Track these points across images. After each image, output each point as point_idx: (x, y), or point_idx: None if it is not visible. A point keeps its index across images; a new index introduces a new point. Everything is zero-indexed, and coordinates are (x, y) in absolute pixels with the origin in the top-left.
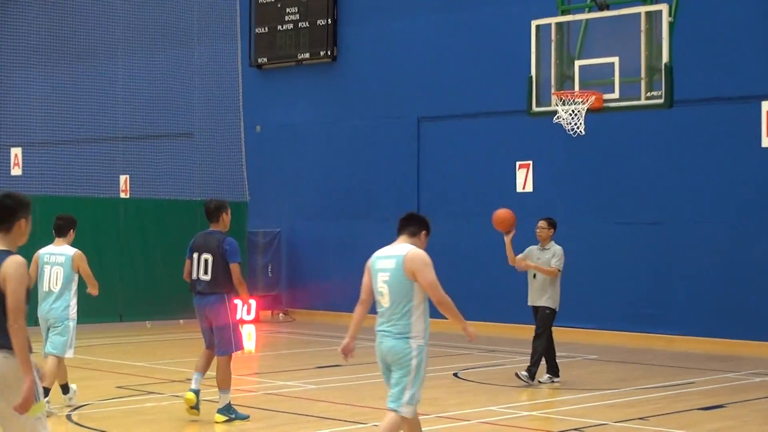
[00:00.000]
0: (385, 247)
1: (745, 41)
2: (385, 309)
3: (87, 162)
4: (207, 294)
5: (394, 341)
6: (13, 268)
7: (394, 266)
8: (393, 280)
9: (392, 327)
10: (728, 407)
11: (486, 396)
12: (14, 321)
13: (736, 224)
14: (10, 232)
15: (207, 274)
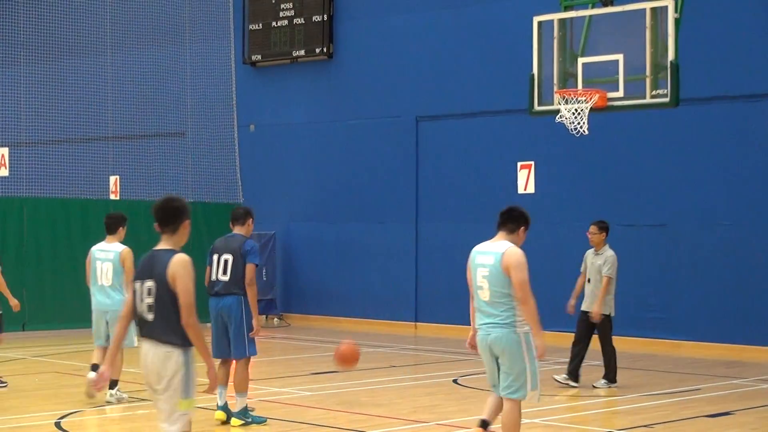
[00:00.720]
0: (484, 242)
1: (752, 38)
2: (485, 302)
3: (76, 162)
4: (224, 295)
5: (501, 331)
6: (181, 266)
7: (493, 262)
8: (492, 275)
9: (496, 319)
10: (735, 414)
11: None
12: (188, 316)
13: (743, 227)
14: (175, 233)
15: (226, 274)
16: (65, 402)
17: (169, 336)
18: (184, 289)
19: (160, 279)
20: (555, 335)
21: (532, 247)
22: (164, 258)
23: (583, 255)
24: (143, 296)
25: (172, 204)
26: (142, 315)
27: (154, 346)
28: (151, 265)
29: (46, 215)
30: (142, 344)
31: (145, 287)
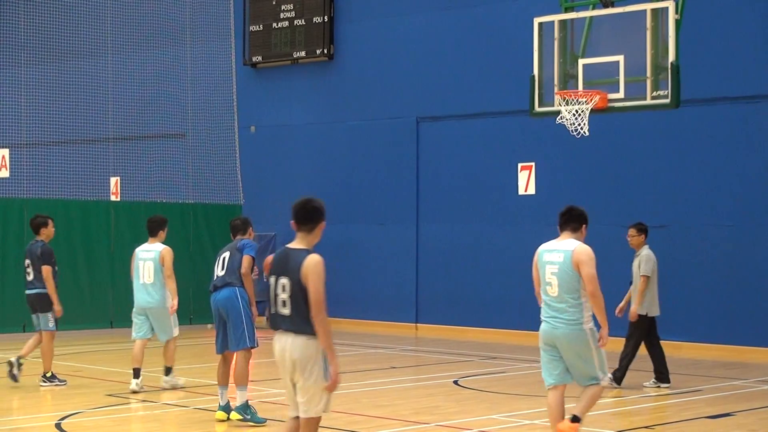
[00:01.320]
0: (551, 241)
1: (753, 39)
2: (552, 298)
3: (76, 163)
4: (220, 287)
5: (569, 329)
6: (314, 265)
7: (562, 260)
8: (561, 272)
9: (563, 314)
10: (737, 415)
11: (487, 404)
12: (317, 312)
13: (744, 228)
14: (311, 233)
15: (222, 269)
16: (66, 403)
17: (306, 327)
18: (315, 287)
19: (293, 276)
20: None
21: (532, 248)
22: (298, 257)
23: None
24: (278, 291)
25: (312, 204)
26: (277, 309)
27: (293, 337)
28: (286, 262)
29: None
30: (279, 336)
31: (280, 283)
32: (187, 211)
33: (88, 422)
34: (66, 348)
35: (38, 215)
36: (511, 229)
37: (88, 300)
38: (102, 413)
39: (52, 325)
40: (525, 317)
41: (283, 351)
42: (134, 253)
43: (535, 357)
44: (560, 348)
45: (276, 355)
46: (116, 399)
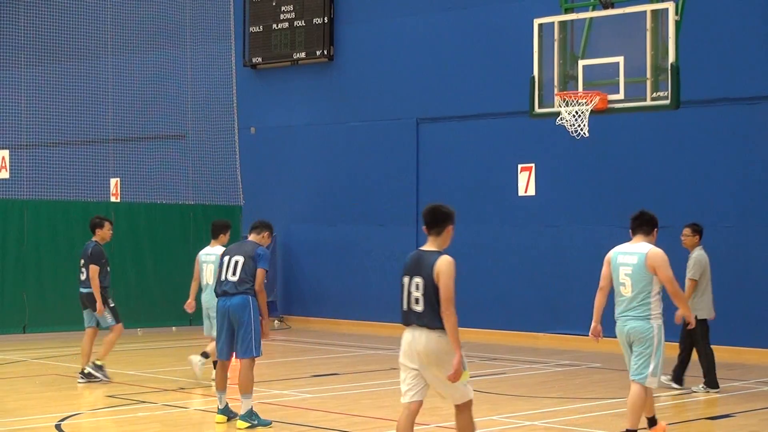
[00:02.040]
0: (625, 244)
1: (753, 40)
2: (626, 297)
3: (76, 164)
4: (232, 294)
5: (638, 322)
6: (446, 265)
7: (636, 262)
8: (635, 274)
9: (634, 311)
10: (737, 416)
11: (487, 405)
12: (446, 308)
13: (745, 229)
14: (439, 235)
15: (235, 275)
16: (65, 404)
17: (437, 323)
18: (446, 285)
19: (427, 276)
20: (555, 338)
21: (532, 249)
22: (431, 258)
23: (584, 258)
24: (411, 290)
25: (441, 210)
26: (410, 306)
27: (426, 332)
28: (419, 263)
29: (47, 217)
30: (411, 332)
31: (413, 282)
32: (187, 213)
33: (88, 423)
34: (66, 349)
35: (97, 216)
36: (511, 229)
37: None
38: (102, 414)
39: (111, 321)
40: (525, 318)
41: (413, 343)
42: (197, 256)
43: (535, 358)
44: (632, 341)
45: (404, 346)
46: (117, 400)
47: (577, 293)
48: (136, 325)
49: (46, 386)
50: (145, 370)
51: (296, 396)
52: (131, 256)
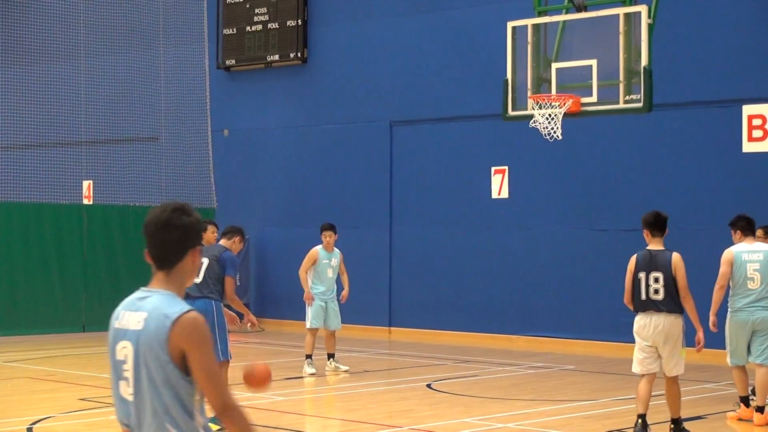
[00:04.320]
0: (739, 244)
1: (725, 44)
2: (755, 290)
3: (48, 167)
4: (196, 298)
5: (766, 312)
6: (681, 261)
7: (762, 258)
8: (763, 268)
9: (763, 302)
10: (708, 418)
11: (460, 408)
12: (685, 295)
13: (717, 231)
14: (663, 236)
15: (198, 276)
16: (37, 408)
17: (675, 308)
18: (682, 277)
19: (666, 270)
20: (528, 340)
21: (505, 252)
22: (665, 256)
23: (557, 260)
24: (650, 282)
25: (663, 215)
26: (649, 296)
27: (665, 316)
28: (654, 261)
29: (19, 220)
30: (648, 316)
31: (652, 276)
32: None
33: (60, 427)
34: (38, 352)
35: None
36: (484, 232)
37: (60, 304)
38: (74, 417)
39: None
40: (498, 320)
41: (650, 325)
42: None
43: (508, 360)
44: (757, 329)
45: (640, 327)
46: (90, 403)
47: (550, 295)
48: (109, 327)
49: (17, 389)
50: None
51: (269, 398)
52: (104, 259)
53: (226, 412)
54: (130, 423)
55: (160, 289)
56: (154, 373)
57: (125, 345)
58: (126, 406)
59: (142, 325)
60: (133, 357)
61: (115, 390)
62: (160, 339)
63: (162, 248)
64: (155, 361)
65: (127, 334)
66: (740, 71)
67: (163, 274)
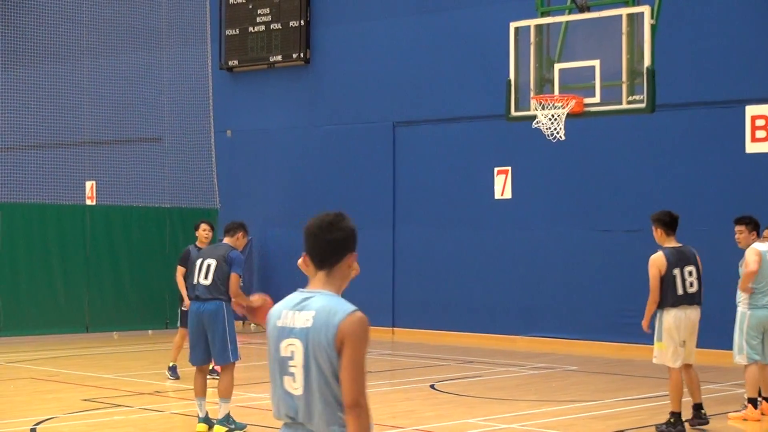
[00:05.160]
0: (758, 243)
1: (728, 44)
2: None
3: (51, 167)
4: (206, 300)
5: None
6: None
7: None
8: None
9: None
10: (711, 419)
11: (463, 408)
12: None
13: (719, 232)
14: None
15: (207, 278)
16: (41, 408)
17: (702, 300)
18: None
19: (695, 264)
20: (531, 340)
21: (508, 252)
22: (691, 251)
23: (560, 261)
24: (686, 276)
25: (676, 215)
26: (686, 290)
27: (695, 309)
28: (685, 256)
29: (22, 221)
30: (683, 310)
31: (686, 270)
32: (163, 216)
33: (64, 427)
34: (41, 352)
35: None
36: (487, 233)
37: (63, 304)
38: (77, 418)
39: (178, 323)
40: (501, 321)
41: (686, 319)
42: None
43: (511, 361)
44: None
45: (677, 321)
46: (93, 404)
47: (553, 296)
48: (112, 328)
49: (20, 390)
50: (120, 373)
51: None
52: (107, 260)
53: (357, 410)
54: (296, 416)
55: (322, 290)
56: (324, 367)
57: (292, 342)
58: (292, 400)
59: (311, 322)
60: (303, 353)
61: (278, 386)
62: (329, 335)
63: (325, 248)
64: (325, 356)
65: (293, 332)
66: (743, 72)
67: (323, 275)
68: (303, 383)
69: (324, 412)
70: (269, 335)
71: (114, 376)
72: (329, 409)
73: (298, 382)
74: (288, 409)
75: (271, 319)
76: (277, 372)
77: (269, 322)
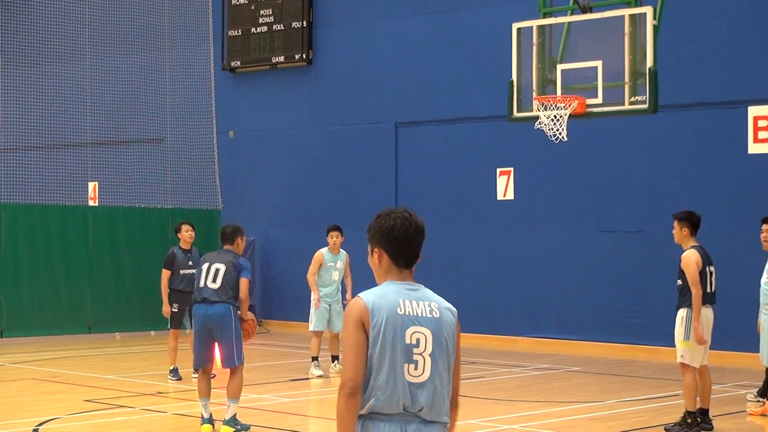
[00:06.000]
0: None
1: (730, 45)
2: None
3: (54, 168)
4: (214, 302)
5: None
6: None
7: None
8: None
9: None
10: (715, 420)
11: (466, 409)
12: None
13: (721, 233)
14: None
15: (215, 282)
16: (43, 409)
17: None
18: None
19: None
20: (534, 341)
21: (510, 253)
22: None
23: (562, 262)
24: (711, 278)
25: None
26: (712, 289)
27: (711, 310)
28: (709, 256)
29: (25, 221)
30: (710, 308)
31: (708, 270)
32: (166, 216)
33: (66, 428)
34: (43, 353)
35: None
36: (489, 233)
37: (66, 305)
38: (80, 419)
39: (168, 326)
40: (504, 322)
41: (711, 318)
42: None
43: (514, 361)
44: None
45: (707, 320)
46: (95, 405)
47: (556, 297)
48: (115, 329)
49: (23, 391)
50: (123, 374)
51: (275, 400)
52: (110, 261)
53: (458, 409)
54: (412, 404)
55: (419, 285)
56: (449, 359)
57: (420, 330)
58: (412, 387)
59: (438, 313)
60: (432, 341)
61: (399, 374)
62: (453, 329)
63: (419, 248)
64: (451, 347)
65: (421, 321)
66: (746, 72)
67: (409, 273)
68: (430, 370)
69: (443, 401)
70: (386, 324)
71: (116, 377)
72: (445, 399)
73: (424, 369)
74: (405, 396)
75: (379, 306)
76: (399, 359)
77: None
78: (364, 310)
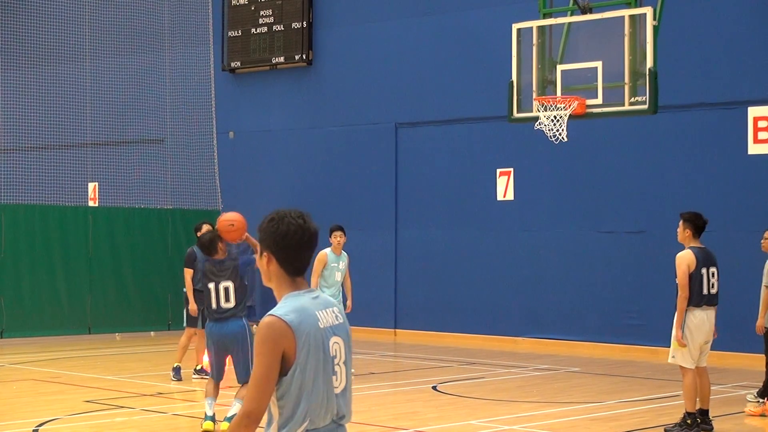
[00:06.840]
0: None
1: (730, 45)
2: None
3: (54, 169)
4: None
5: None
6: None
7: None
8: None
9: None
10: (714, 420)
11: (466, 410)
12: None
13: (721, 233)
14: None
15: (229, 301)
16: (43, 410)
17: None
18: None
19: (717, 266)
20: (534, 342)
21: (510, 254)
22: (713, 253)
23: (562, 262)
24: (710, 278)
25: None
26: (709, 290)
27: (714, 310)
28: (710, 257)
29: (25, 222)
30: (705, 311)
31: (710, 271)
32: (166, 217)
33: (66, 429)
34: (43, 354)
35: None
36: (489, 234)
37: (65, 306)
38: (80, 420)
39: (184, 324)
40: (504, 322)
41: (708, 321)
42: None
43: (514, 362)
44: None
45: (700, 322)
46: (95, 405)
47: (556, 297)
48: (115, 329)
49: (23, 391)
50: (123, 374)
51: None
52: (110, 261)
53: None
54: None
55: (316, 290)
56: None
57: (337, 340)
58: (336, 399)
59: (341, 319)
60: (344, 350)
61: (325, 388)
62: (349, 329)
63: (311, 256)
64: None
65: (335, 330)
66: (746, 73)
67: (303, 279)
68: (345, 378)
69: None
70: (313, 342)
71: (116, 377)
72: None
73: (342, 378)
74: (332, 408)
75: (303, 325)
76: (324, 373)
77: (302, 328)
78: (286, 333)
